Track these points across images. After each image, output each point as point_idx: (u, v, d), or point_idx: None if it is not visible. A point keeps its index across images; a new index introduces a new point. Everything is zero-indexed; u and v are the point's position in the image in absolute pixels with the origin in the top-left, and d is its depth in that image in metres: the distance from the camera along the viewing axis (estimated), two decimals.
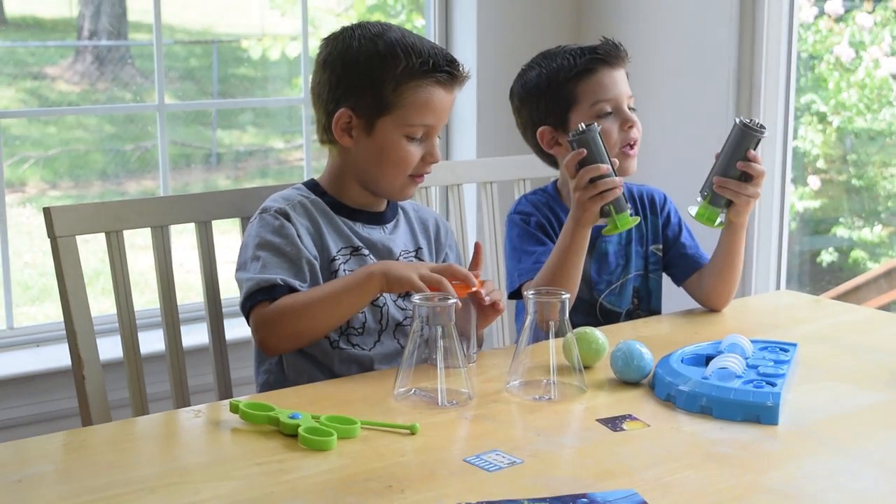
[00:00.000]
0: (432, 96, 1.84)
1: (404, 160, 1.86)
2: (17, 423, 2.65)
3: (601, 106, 2.08)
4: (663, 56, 3.16)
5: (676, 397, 1.60)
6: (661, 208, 2.22)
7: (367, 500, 1.27)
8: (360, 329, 1.86)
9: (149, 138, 7.50)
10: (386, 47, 1.83)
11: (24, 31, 8.98)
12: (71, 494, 1.30)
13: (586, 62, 2.09)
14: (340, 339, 1.85)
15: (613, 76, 2.10)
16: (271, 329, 1.75)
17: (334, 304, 1.75)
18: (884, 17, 5.08)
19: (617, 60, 2.11)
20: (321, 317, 1.75)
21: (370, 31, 1.87)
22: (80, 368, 1.85)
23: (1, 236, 2.82)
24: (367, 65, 1.84)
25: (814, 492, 1.31)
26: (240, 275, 1.81)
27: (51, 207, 1.85)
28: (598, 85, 2.09)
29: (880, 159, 5.43)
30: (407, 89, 1.83)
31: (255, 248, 1.81)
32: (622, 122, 2.08)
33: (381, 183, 1.90)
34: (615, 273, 2.15)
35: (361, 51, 1.85)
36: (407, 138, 1.85)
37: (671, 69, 3.14)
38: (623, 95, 2.10)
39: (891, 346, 1.87)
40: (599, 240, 2.14)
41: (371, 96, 1.84)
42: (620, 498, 1.27)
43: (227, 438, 1.49)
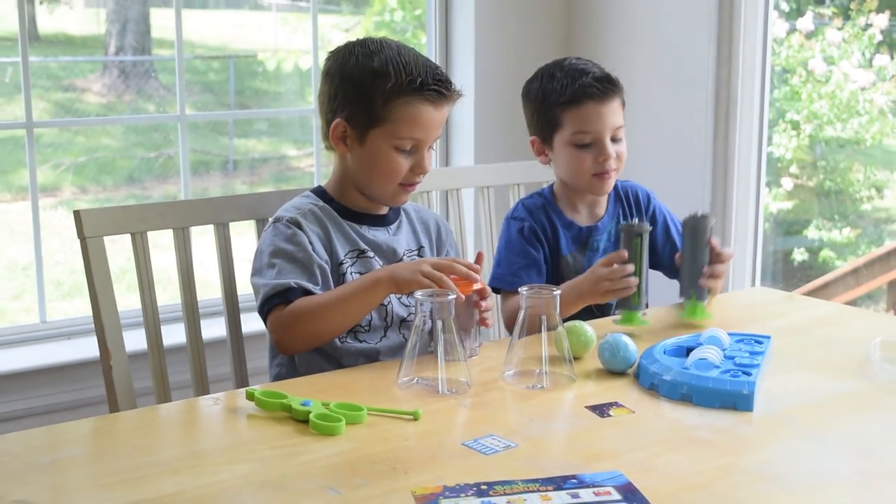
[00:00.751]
0: (420, 112, 1.82)
1: (393, 170, 1.85)
2: (49, 409, 2.65)
3: (582, 136, 2.07)
4: (648, 69, 3.16)
5: (660, 386, 1.60)
6: (646, 207, 2.22)
7: (374, 481, 1.27)
8: (366, 327, 1.86)
9: (171, 146, 7.50)
10: (380, 64, 1.82)
11: (56, 47, 8.98)
12: (99, 475, 1.30)
13: (575, 93, 2.06)
14: (348, 335, 1.85)
15: (599, 110, 2.06)
16: (287, 331, 1.74)
17: (345, 308, 1.74)
18: (852, 34, 5.08)
19: (607, 95, 2.07)
20: (333, 320, 1.74)
21: (369, 47, 1.86)
22: (108, 359, 1.85)
23: (34, 237, 2.83)
24: (361, 79, 1.83)
25: (786, 473, 1.31)
26: (255, 280, 1.81)
27: (80, 210, 1.85)
28: (583, 118, 2.06)
29: (848, 166, 5.43)
30: (396, 105, 1.81)
31: (270, 256, 1.80)
32: (598, 153, 2.06)
33: (373, 189, 1.89)
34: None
35: (357, 66, 1.84)
36: (396, 150, 1.84)
37: (655, 81, 3.14)
38: (606, 129, 2.07)
39: (857, 338, 1.87)
40: (592, 237, 2.14)
41: (363, 109, 1.83)
42: (607, 479, 1.27)
43: (243, 424, 1.49)
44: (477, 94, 3.27)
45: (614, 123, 2.08)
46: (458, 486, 1.25)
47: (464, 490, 1.24)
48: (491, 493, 1.23)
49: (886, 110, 5.12)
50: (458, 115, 3.34)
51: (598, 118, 2.06)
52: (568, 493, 1.23)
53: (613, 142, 2.09)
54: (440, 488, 1.25)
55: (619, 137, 2.10)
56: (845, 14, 5.21)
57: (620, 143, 2.10)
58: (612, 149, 2.07)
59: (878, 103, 5.07)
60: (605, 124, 2.06)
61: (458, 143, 3.38)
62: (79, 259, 1.88)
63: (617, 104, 2.09)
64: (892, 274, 4.54)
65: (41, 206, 2.85)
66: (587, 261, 2.14)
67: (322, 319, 1.73)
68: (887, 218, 5.48)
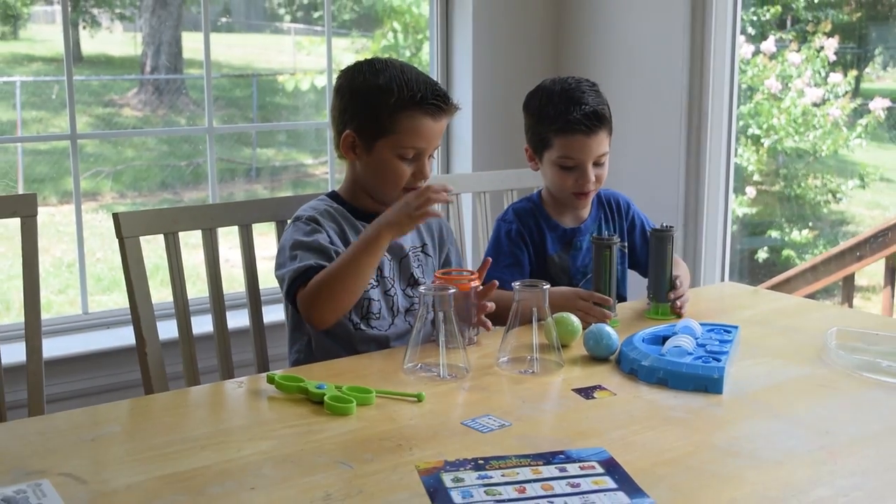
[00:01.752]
0: (421, 124, 1.82)
1: (398, 176, 1.85)
2: (91, 392, 2.65)
3: (566, 160, 2.05)
4: (627, 86, 3.15)
5: (638, 371, 1.60)
6: (625, 212, 2.21)
7: (381, 457, 1.27)
8: (377, 314, 1.86)
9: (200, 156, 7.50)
10: (385, 81, 1.82)
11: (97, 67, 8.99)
12: (136, 451, 1.30)
13: (566, 123, 2.03)
14: (362, 322, 1.84)
15: (585, 142, 2.03)
16: (313, 303, 1.72)
17: (356, 264, 1.72)
18: (808, 55, 5.08)
19: (593, 130, 2.03)
20: (349, 279, 1.71)
21: (375, 66, 1.86)
22: (143, 346, 1.85)
23: (78, 237, 2.82)
24: (368, 95, 1.83)
25: (752, 448, 1.31)
26: (280, 272, 1.80)
27: (119, 213, 1.85)
28: (569, 146, 2.04)
29: (806, 174, 5.44)
30: (400, 117, 1.81)
31: (291, 250, 1.80)
32: (579, 176, 2.05)
33: (379, 194, 1.89)
34: (589, 266, 2.14)
35: (365, 83, 1.84)
36: (399, 158, 1.84)
37: (634, 95, 3.14)
38: (589, 157, 2.04)
39: (816, 328, 1.87)
40: (575, 237, 2.14)
41: (370, 121, 1.83)
42: (592, 454, 1.27)
43: (264, 405, 1.49)
44: (475, 108, 3.27)
45: (598, 152, 2.06)
46: (457, 460, 1.25)
47: (463, 464, 1.24)
48: (487, 467, 1.23)
49: (841, 123, 5.13)
50: (458, 128, 3.34)
51: (583, 149, 2.04)
52: (556, 467, 1.23)
53: (596, 166, 2.06)
54: (441, 463, 1.24)
55: (602, 162, 2.08)
56: (803, 37, 5.21)
57: (602, 167, 2.08)
58: (593, 173, 2.05)
59: (833, 116, 5.08)
60: (588, 154, 2.04)
61: (457, 152, 3.38)
62: (117, 257, 1.87)
63: (603, 135, 2.06)
64: (847, 270, 4.54)
65: (84, 210, 2.85)
66: (571, 259, 2.13)
67: (339, 282, 1.71)
68: (842, 220, 5.49)
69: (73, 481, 1.19)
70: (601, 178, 2.09)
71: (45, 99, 8.28)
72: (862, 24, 5.39)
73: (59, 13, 2.72)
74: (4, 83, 8.08)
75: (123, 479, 1.20)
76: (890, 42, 5.42)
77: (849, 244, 4.55)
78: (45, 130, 7.74)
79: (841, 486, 1.20)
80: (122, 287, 1.91)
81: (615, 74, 3.20)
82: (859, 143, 5.24)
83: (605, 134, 2.07)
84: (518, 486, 1.17)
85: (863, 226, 5.41)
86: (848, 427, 1.40)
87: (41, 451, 1.29)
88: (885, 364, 1.64)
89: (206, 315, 2.02)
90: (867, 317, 2.12)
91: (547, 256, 2.12)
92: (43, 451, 1.29)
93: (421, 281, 1.92)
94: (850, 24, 5.32)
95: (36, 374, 1.95)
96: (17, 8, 8.48)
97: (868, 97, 5.15)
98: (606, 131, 2.07)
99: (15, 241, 1.96)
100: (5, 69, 8.27)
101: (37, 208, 1.96)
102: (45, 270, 5.99)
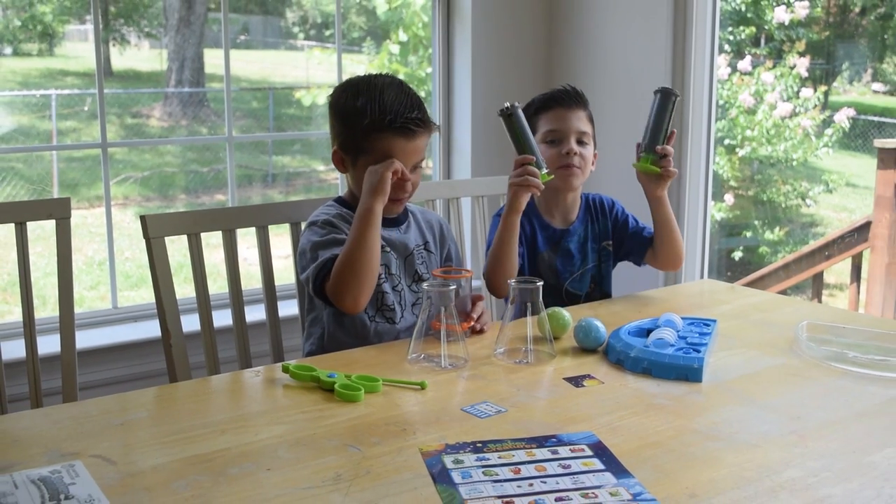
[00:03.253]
0: (394, 145, 1.79)
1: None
2: (120, 380, 2.65)
3: (550, 135, 2.08)
4: (614, 97, 3.15)
5: (625, 361, 1.59)
6: (609, 211, 2.20)
7: (387, 440, 1.27)
8: (391, 307, 1.85)
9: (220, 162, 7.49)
10: (361, 104, 1.79)
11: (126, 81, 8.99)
12: (161, 435, 1.29)
13: (545, 101, 2.10)
14: (377, 315, 1.84)
15: (564, 114, 2.08)
16: (341, 289, 1.71)
17: (363, 239, 1.71)
18: (783, 72, 5.08)
19: (571, 103, 2.09)
20: (361, 255, 1.71)
21: (357, 88, 1.82)
22: (168, 338, 1.85)
23: (108, 237, 2.82)
24: (347, 117, 1.81)
25: (730, 433, 1.31)
26: (304, 274, 1.79)
27: (146, 215, 1.85)
28: (550, 119, 2.08)
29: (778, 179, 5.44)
30: (372, 138, 1.79)
31: (311, 252, 1.78)
32: (562, 147, 2.07)
33: None
34: (576, 265, 2.14)
35: (345, 104, 1.82)
36: None
37: (620, 107, 3.13)
38: (570, 130, 2.07)
39: (788, 321, 1.86)
40: (563, 240, 2.13)
41: (350, 141, 1.82)
42: (581, 438, 1.27)
43: (279, 393, 1.49)
44: (473, 116, 3.27)
45: (579, 128, 2.08)
46: (457, 444, 1.25)
47: (462, 447, 1.23)
48: (485, 449, 1.23)
49: (811, 132, 5.13)
50: (457, 135, 3.34)
51: (563, 120, 2.07)
52: (549, 449, 1.23)
53: (579, 144, 2.08)
54: (443, 446, 1.24)
55: (585, 142, 2.09)
56: (778, 54, 5.21)
57: (585, 147, 2.09)
58: (577, 148, 2.07)
59: (804, 126, 5.08)
60: (569, 126, 2.07)
61: (457, 158, 3.37)
62: (144, 256, 1.87)
63: (582, 114, 2.09)
64: (816, 269, 4.54)
65: (113, 212, 2.84)
66: (558, 260, 2.12)
67: (355, 260, 1.70)
68: (811, 222, 5.49)
69: (103, 462, 1.19)
70: (585, 158, 2.09)
71: (78, 111, 8.28)
72: (830, 41, 5.39)
73: (91, 31, 2.72)
74: (41, 96, 8.08)
75: (150, 460, 1.20)
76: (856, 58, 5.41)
77: (818, 244, 4.56)
78: (79, 139, 7.74)
79: (811, 468, 1.20)
80: (148, 283, 1.91)
81: (603, 87, 3.19)
82: (826, 151, 5.24)
83: (585, 115, 2.10)
84: (513, 468, 1.17)
85: (830, 227, 5.42)
86: (817, 412, 1.40)
87: (74, 434, 1.29)
88: (852, 355, 1.63)
89: (225, 309, 2.01)
90: (835, 311, 2.12)
91: (538, 254, 2.12)
92: (76, 434, 1.29)
93: (425, 277, 1.92)
94: (819, 42, 5.32)
95: (70, 363, 1.95)
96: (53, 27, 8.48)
97: (836, 109, 5.15)
98: (585, 113, 2.11)
99: (50, 242, 1.96)
100: (42, 83, 8.27)
101: (70, 211, 1.96)
102: (78, 268, 5.99)
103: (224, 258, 1.97)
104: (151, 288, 1.86)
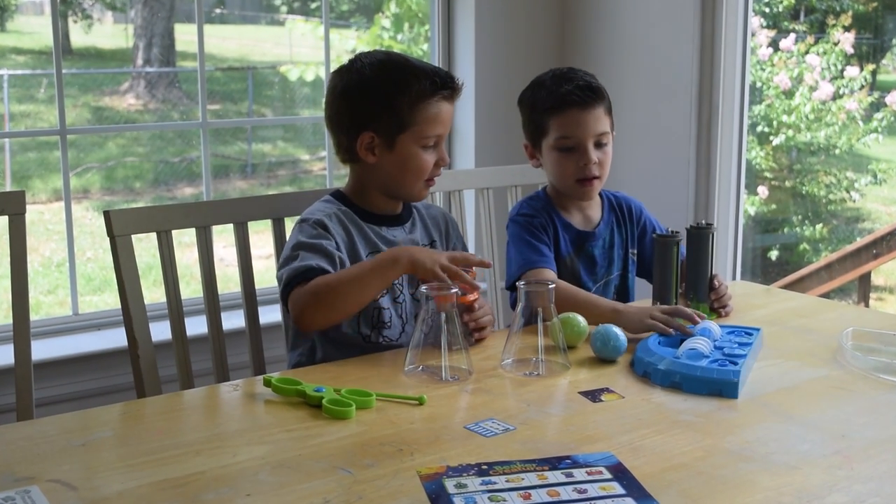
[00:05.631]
0: (441, 110, 1.85)
1: (423, 167, 1.86)
2: (81, 395, 2.65)
3: (564, 141, 2.04)
4: (634, 78, 3.15)
5: (652, 374, 1.59)
6: (637, 219, 2.18)
7: (382, 462, 1.27)
8: (388, 322, 1.86)
9: (193, 151, 7.51)
10: (397, 74, 1.83)
11: (87, 60, 8.99)
12: (128, 457, 1.30)
13: (559, 100, 2.03)
14: (372, 333, 1.84)
15: (582, 117, 2.02)
16: (307, 305, 1.71)
17: (362, 283, 1.72)
18: (825, 49, 5.08)
19: (589, 102, 2.02)
20: (351, 294, 1.71)
21: (377, 59, 1.86)
22: (136, 348, 1.85)
23: (68, 236, 2.83)
24: (384, 91, 1.83)
25: (765, 453, 1.31)
26: (280, 272, 1.79)
27: (110, 210, 1.85)
28: (565, 124, 2.03)
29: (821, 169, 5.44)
30: (421, 107, 1.83)
31: (293, 250, 1.78)
32: (580, 157, 2.03)
33: (403, 189, 1.89)
34: (599, 273, 2.13)
35: (375, 79, 1.84)
36: (423, 148, 1.85)
37: (641, 90, 3.14)
38: (588, 135, 2.02)
39: (831, 328, 1.86)
40: (587, 244, 2.10)
41: (390, 117, 1.83)
42: (599, 459, 1.27)
43: (260, 409, 1.49)
44: (477, 102, 3.27)
45: (597, 130, 2.03)
46: (460, 466, 1.25)
47: (466, 470, 1.23)
48: (491, 472, 1.23)
49: (857, 116, 5.12)
50: (460, 122, 3.34)
51: (580, 124, 2.02)
52: (563, 472, 1.23)
53: (597, 148, 2.04)
54: (444, 468, 1.24)
55: (604, 143, 2.05)
56: (820, 27, 5.21)
57: (604, 151, 2.05)
58: (595, 154, 2.03)
59: (848, 109, 5.07)
60: (587, 130, 2.02)
61: (460, 147, 3.38)
62: (108, 256, 1.87)
63: (600, 111, 2.04)
64: (863, 269, 4.54)
65: (74, 207, 2.85)
66: (581, 265, 2.10)
67: (340, 294, 1.70)
68: (857, 217, 5.48)
69: (62, 488, 1.19)
70: (604, 163, 2.05)
71: (33, 93, 8.29)
72: (878, 13, 5.38)
73: (47, 4, 2.72)
74: None
75: (115, 485, 1.20)
76: None
77: (865, 242, 4.55)
78: (34, 126, 7.75)
79: (857, 492, 1.20)
80: (113, 287, 1.91)
81: (621, 66, 3.19)
82: (875, 137, 5.24)
83: (603, 111, 2.04)
84: (523, 493, 1.17)
85: (879, 223, 5.41)
86: (865, 431, 1.40)
87: (30, 456, 1.29)
88: None
89: (200, 316, 2.02)
90: (884, 317, 2.12)
91: (560, 258, 2.08)
92: (32, 456, 1.29)
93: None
94: (866, 14, 5.31)
95: (24, 377, 1.95)
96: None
97: (885, 90, 5.14)
98: (603, 108, 2.05)
99: (2, 240, 1.96)
100: None
101: (25, 206, 1.96)
102: (33, 270, 6.00)
103: (198, 258, 1.97)
104: (116, 292, 1.87)
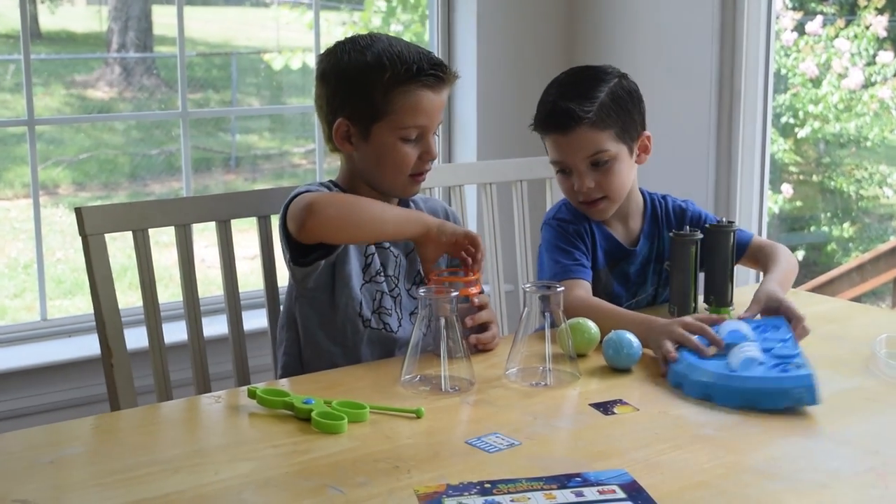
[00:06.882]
0: (421, 99, 1.83)
1: (402, 161, 1.85)
2: (50, 408, 2.65)
3: (558, 164, 2.02)
4: (649, 67, 3.15)
5: (713, 395, 1.53)
6: (680, 221, 2.12)
7: (376, 480, 1.27)
8: (389, 310, 1.87)
9: (172, 143, 7.51)
10: (373, 58, 1.82)
11: (58, 45, 8.99)
12: (100, 475, 1.29)
13: (541, 126, 2.01)
14: (373, 315, 1.86)
15: (562, 141, 1.98)
16: (320, 203, 1.71)
17: (381, 219, 1.76)
18: (857, 33, 5.08)
19: (569, 124, 1.95)
20: (366, 216, 1.75)
21: (359, 44, 1.86)
22: (109, 357, 1.85)
23: (36, 234, 2.82)
24: (358, 76, 1.83)
25: (792, 470, 1.31)
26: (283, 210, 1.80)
27: (82, 207, 1.85)
28: (551, 147, 2.01)
29: (852, 163, 5.44)
30: (396, 95, 1.81)
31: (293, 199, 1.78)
32: (573, 181, 2.00)
33: (384, 184, 1.89)
34: (631, 290, 2.11)
35: (351, 63, 1.84)
36: (402, 140, 1.84)
37: (657, 79, 3.13)
38: (572, 158, 1.97)
39: (863, 335, 1.86)
40: (625, 260, 2.08)
41: (364, 104, 1.83)
42: (612, 477, 1.27)
43: (244, 422, 1.49)
44: (479, 91, 3.27)
45: (585, 151, 1.96)
46: (461, 484, 1.25)
47: (467, 489, 1.23)
48: (495, 491, 1.22)
49: (891, 106, 5.12)
50: (461, 112, 3.34)
51: (561, 149, 1.99)
52: (572, 491, 1.23)
53: (594, 168, 1.98)
54: (443, 487, 1.24)
55: (602, 161, 1.97)
56: (850, 10, 5.21)
57: (603, 171, 1.98)
58: (591, 176, 1.98)
59: (881, 97, 5.07)
60: (569, 155, 1.98)
61: (460, 139, 3.37)
62: (80, 257, 1.87)
63: (586, 132, 1.95)
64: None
65: (42, 204, 2.85)
66: (615, 282, 2.08)
67: (356, 210, 1.74)
68: (891, 214, 5.48)
69: None
70: (607, 184, 1.99)
71: None
72: None
73: None
74: None
75: None
76: None
77: None
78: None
79: None
80: (85, 290, 1.91)
81: (634, 51, 3.19)
82: None
83: (591, 130, 1.95)
84: None
85: None
86: None
87: None
88: None
89: (179, 321, 2.01)
90: None
91: (596, 270, 2.05)
92: None
93: None
94: None
95: None
96: None
97: None
98: (591, 127, 1.95)
99: None
100: None
101: None
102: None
103: (177, 259, 1.97)
104: (88, 296, 1.87)
